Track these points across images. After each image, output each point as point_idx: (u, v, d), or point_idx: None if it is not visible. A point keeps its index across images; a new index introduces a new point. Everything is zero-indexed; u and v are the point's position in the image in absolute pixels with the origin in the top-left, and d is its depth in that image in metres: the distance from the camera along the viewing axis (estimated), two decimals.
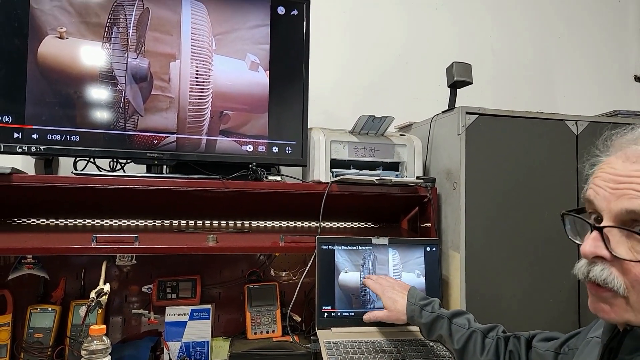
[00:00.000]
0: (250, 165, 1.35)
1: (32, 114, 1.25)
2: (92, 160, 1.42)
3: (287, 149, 1.44)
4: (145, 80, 1.33)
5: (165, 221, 1.52)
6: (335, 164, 1.44)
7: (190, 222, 1.54)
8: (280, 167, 1.59)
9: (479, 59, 1.99)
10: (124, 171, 1.46)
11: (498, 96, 2.05)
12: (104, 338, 1.04)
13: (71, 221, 1.45)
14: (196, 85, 1.36)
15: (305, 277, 1.39)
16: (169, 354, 1.30)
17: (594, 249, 0.59)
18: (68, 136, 1.27)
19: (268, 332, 1.40)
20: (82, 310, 1.27)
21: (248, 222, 1.59)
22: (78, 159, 1.38)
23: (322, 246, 1.31)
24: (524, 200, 1.38)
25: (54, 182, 1.20)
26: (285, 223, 1.63)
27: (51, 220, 1.44)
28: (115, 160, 1.45)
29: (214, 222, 1.56)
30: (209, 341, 1.33)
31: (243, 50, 1.41)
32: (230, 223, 1.57)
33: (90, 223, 1.46)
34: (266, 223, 1.62)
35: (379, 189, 1.40)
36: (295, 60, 1.46)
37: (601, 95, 2.20)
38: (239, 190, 1.31)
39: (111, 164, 1.46)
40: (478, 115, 1.36)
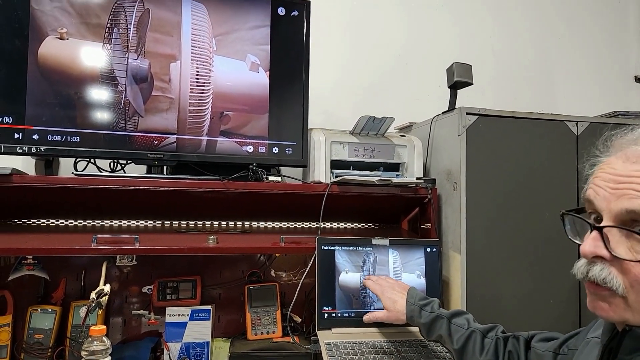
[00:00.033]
0: (250, 165, 1.35)
1: (33, 115, 1.25)
2: (93, 161, 1.42)
3: (288, 149, 1.44)
4: (145, 81, 1.33)
5: (166, 222, 1.52)
6: (336, 164, 1.44)
7: (191, 223, 1.54)
8: (281, 168, 1.59)
9: (479, 60, 1.99)
10: (125, 172, 1.47)
11: (498, 97, 2.05)
12: (104, 339, 1.04)
13: (71, 222, 1.45)
14: (196, 86, 1.36)
15: (305, 278, 1.39)
16: (169, 354, 1.30)
17: (594, 248, 0.59)
18: (68, 137, 1.27)
19: (268, 333, 1.40)
20: (83, 311, 1.27)
21: (248, 223, 1.59)
22: (78, 159, 1.39)
23: (323, 247, 1.31)
24: (525, 200, 1.38)
25: (54, 183, 1.20)
26: (286, 224, 1.64)
27: (51, 220, 1.44)
28: (115, 161, 1.45)
29: (214, 223, 1.56)
30: (209, 342, 1.33)
31: (243, 51, 1.41)
32: (231, 224, 1.57)
33: (91, 224, 1.47)
34: (266, 224, 1.62)
35: (379, 189, 1.40)
36: (295, 61, 1.46)
37: (601, 96, 2.20)
38: (240, 190, 1.31)
39: (111, 164, 1.46)
40: (478, 116, 1.36)
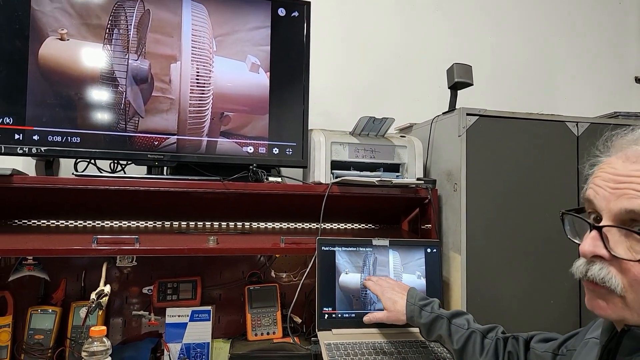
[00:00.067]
0: (250, 166, 1.35)
1: (33, 116, 1.25)
2: (93, 161, 1.42)
3: (288, 150, 1.44)
4: (145, 82, 1.33)
5: (166, 222, 1.52)
6: (336, 165, 1.44)
7: (191, 224, 1.54)
8: (281, 169, 1.59)
9: (480, 61, 1.99)
10: (125, 172, 1.47)
11: (499, 97, 2.05)
12: (105, 339, 1.04)
13: (72, 222, 1.45)
14: (197, 86, 1.37)
15: (305, 279, 1.39)
16: (169, 355, 1.30)
17: (593, 248, 0.59)
18: (69, 137, 1.27)
19: (268, 334, 1.40)
20: (83, 311, 1.27)
21: (248, 224, 1.59)
22: (79, 160, 1.39)
23: (323, 247, 1.30)
24: (525, 201, 1.38)
25: (54, 184, 1.20)
26: (286, 224, 1.63)
27: (52, 221, 1.44)
28: (115, 161, 1.45)
29: (215, 224, 1.56)
30: (209, 342, 1.33)
31: (243, 51, 1.41)
32: (231, 224, 1.57)
33: (91, 224, 1.47)
34: (267, 224, 1.62)
35: (380, 190, 1.40)
36: (295, 61, 1.46)
37: (601, 97, 2.20)
38: (240, 191, 1.31)
39: (112, 165, 1.46)
40: (478, 117, 1.36)
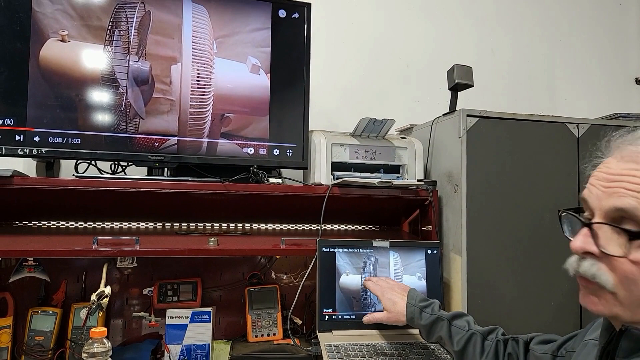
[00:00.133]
0: (251, 167, 1.35)
1: (34, 117, 1.25)
2: (94, 162, 1.42)
3: (288, 151, 1.44)
4: (146, 83, 1.33)
5: (166, 224, 1.52)
6: (336, 166, 1.44)
7: (191, 225, 1.54)
8: (281, 170, 1.59)
9: (480, 62, 2.00)
10: (125, 174, 1.47)
11: (499, 99, 2.05)
12: (105, 341, 1.04)
13: (72, 224, 1.45)
14: (197, 88, 1.37)
15: (306, 280, 1.39)
16: (169, 356, 1.30)
17: (583, 244, 0.61)
18: (69, 139, 1.27)
19: (269, 335, 1.40)
20: (83, 312, 1.27)
21: (249, 225, 1.59)
22: (79, 161, 1.39)
23: (323, 249, 1.30)
24: (525, 203, 1.37)
25: (55, 185, 1.20)
26: (286, 226, 1.63)
27: (52, 222, 1.44)
28: (116, 162, 1.45)
29: (215, 225, 1.56)
30: (209, 344, 1.33)
31: (244, 53, 1.41)
32: (231, 226, 1.57)
33: (92, 225, 1.47)
34: (267, 226, 1.62)
35: (380, 191, 1.40)
36: (296, 63, 1.46)
37: (602, 98, 2.21)
38: (240, 192, 1.31)
39: (112, 166, 1.46)
40: (479, 118, 1.36)
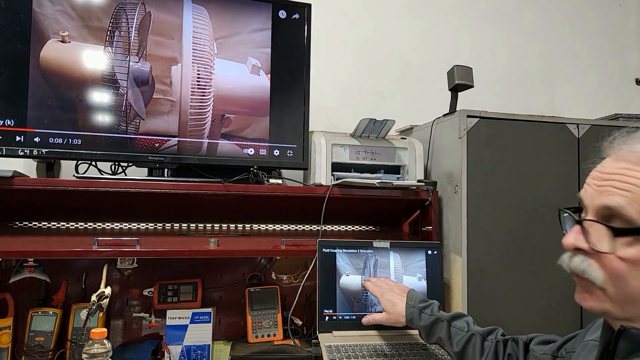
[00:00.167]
0: (251, 168, 1.35)
1: (34, 118, 1.25)
2: (94, 163, 1.42)
3: (289, 152, 1.44)
4: (146, 84, 1.33)
5: (167, 224, 1.52)
6: (337, 167, 1.44)
7: (192, 225, 1.54)
8: (282, 170, 1.59)
9: (480, 62, 2.00)
10: (126, 174, 1.47)
11: (499, 99, 2.05)
12: (105, 341, 1.04)
13: (72, 224, 1.45)
14: (197, 88, 1.37)
15: (306, 281, 1.38)
16: (169, 357, 1.29)
17: (574, 241, 0.64)
18: (70, 139, 1.27)
19: (269, 336, 1.39)
20: (83, 313, 1.27)
21: (249, 225, 1.59)
22: (80, 162, 1.39)
23: (323, 249, 1.30)
24: (526, 203, 1.37)
25: (55, 185, 1.20)
26: (287, 226, 1.63)
27: (53, 223, 1.44)
28: (116, 163, 1.45)
29: (215, 225, 1.56)
30: (209, 345, 1.33)
31: (244, 53, 1.42)
32: (232, 226, 1.57)
33: (92, 226, 1.47)
34: (267, 226, 1.62)
35: (380, 192, 1.40)
36: (296, 63, 1.46)
37: (602, 99, 2.21)
38: (240, 193, 1.31)
39: (113, 167, 1.46)
40: (479, 119, 1.36)
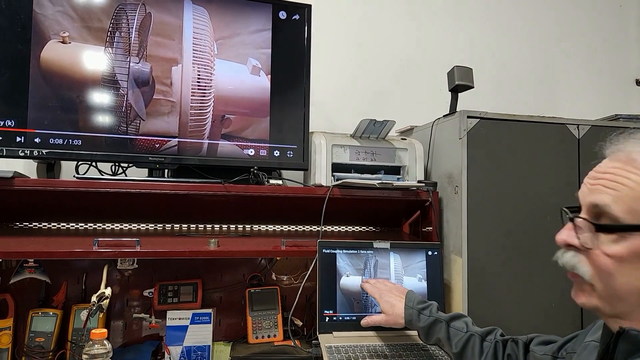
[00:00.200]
0: (251, 169, 1.35)
1: (35, 118, 1.25)
2: (94, 164, 1.42)
3: (289, 152, 1.44)
4: (147, 85, 1.33)
5: (167, 225, 1.52)
6: (337, 167, 1.44)
7: (192, 226, 1.54)
8: (282, 171, 1.59)
9: (480, 63, 2.00)
10: (126, 175, 1.47)
11: (499, 100, 2.05)
12: (105, 342, 1.04)
13: (73, 225, 1.45)
14: (198, 89, 1.37)
15: (306, 281, 1.38)
16: (170, 358, 1.29)
17: (566, 237, 0.65)
18: (70, 140, 1.28)
19: (269, 337, 1.39)
20: (84, 314, 1.27)
21: (249, 226, 1.59)
22: (80, 162, 1.39)
23: (324, 250, 1.30)
24: (526, 204, 1.37)
25: (55, 186, 1.20)
26: (287, 227, 1.63)
27: (53, 224, 1.44)
28: (117, 164, 1.45)
29: (215, 226, 1.56)
30: (210, 345, 1.33)
31: (245, 54, 1.42)
32: (232, 227, 1.57)
33: (92, 227, 1.47)
34: (267, 227, 1.62)
35: (381, 192, 1.40)
36: (296, 64, 1.46)
37: (603, 99, 2.21)
38: (241, 194, 1.31)
39: (113, 167, 1.46)
40: (479, 119, 1.36)
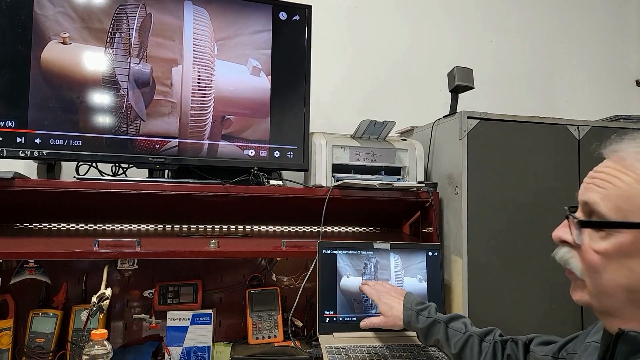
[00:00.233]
0: (252, 169, 1.35)
1: (35, 119, 1.25)
2: (95, 164, 1.42)
3: (289, 153, 1.45)
4: (147, 85, 1.33)
5: (167, 226, 1.52)
6: (337, 168, 1.44)
7: (192, 227, 1.54)
8: (282, 172, 1.59)
9: (481, 64, 1.99)
10: (126, 176, 1.47)
11: (499, 101, 2.05)
12: (105, 343, 1.04)
13: (73, 225, 1.45)
14: (198, 90, 1.37)
15: (306, 282, 1.38)
16: (170, 358, 1.29)
17: (560, 233, 0.67)
18: (70, 141, 1.28)
19: (269, 337, 1.39)
20: (84, 314, 1.27)
21: (249, 227, 1.59)
22: (80, 163, 1.39)
23: (324, 251, 1.30)
24: (526, 204, 1.37)
25: (56, 187, 1.20)
26: (287, 228, 1.63)
27: (53, 224, 1.44)
28: (117, 164, 1.45)
29: (216, 227, 1.56)
30: (210, 346, 1.33)
31: (245, 55, 1.42)
32: (232, 227, 1.57)
33: (92, 227, 1.47)
34: (268, 228, 1.62)
35: (381, 193, 1.40)
36: (297, 65, 1.46)
37: (603, 100, 2.21)
38: (241, 194, 1.31)
39: (113, 168, 1.46)
40: (479, 120, 1.36)
